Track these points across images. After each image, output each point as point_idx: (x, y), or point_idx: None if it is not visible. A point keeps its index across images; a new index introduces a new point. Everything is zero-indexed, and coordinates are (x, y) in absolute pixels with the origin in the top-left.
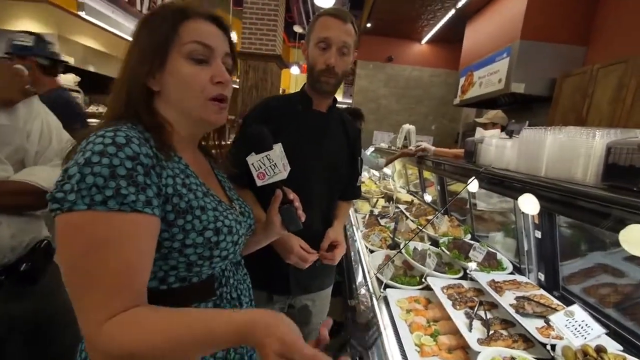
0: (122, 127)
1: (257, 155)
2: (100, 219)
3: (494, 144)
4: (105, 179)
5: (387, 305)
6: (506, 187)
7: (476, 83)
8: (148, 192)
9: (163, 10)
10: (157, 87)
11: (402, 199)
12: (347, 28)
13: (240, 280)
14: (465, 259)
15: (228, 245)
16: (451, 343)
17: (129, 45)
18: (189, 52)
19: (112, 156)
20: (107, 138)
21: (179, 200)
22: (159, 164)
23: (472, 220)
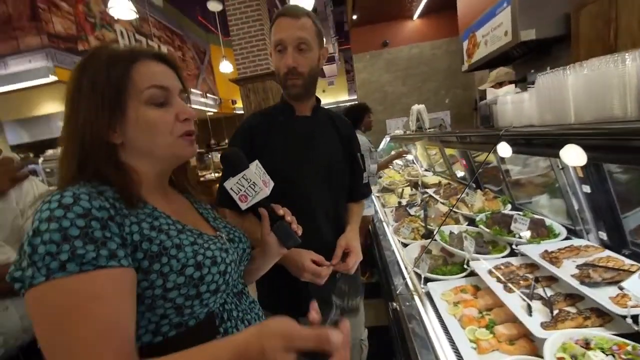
0: (69, 187)
1: (234, 179)
2: (61, 286)
3: (509, 101)
4: (57, 244)
5: (431, 301)
6: (535, 145)
7: (481, 43)
8: (110, 244)
9: (105, 55)
10: (120, 140)
11: (429, 182)
12: (300, 23)
13: (246, 310)
14: (509, 234)
15: (215, 277)
16: (511, 332)
17: (68, 98)
18: (148, 97)
19: (61, 219)
20: (52, 202)
21: (149, 244)
22: (118, 213)
23: (508, 189)
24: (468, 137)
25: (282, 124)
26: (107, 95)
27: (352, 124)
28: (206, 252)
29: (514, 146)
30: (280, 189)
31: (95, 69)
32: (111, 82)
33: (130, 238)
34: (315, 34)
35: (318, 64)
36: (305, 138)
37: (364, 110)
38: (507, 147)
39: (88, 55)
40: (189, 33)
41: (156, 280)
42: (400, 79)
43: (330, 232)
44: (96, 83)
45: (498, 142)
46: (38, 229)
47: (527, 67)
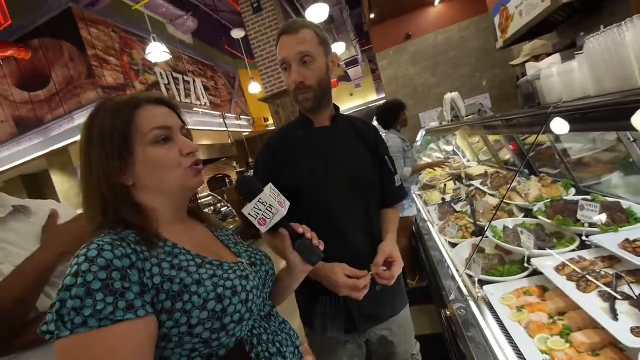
0: (96, 238)
1: (250, 204)
2: (84, 341)
3: (555, 73)
4: (81, 299)
5: (490, 306)
6: (594, 119)
7: (514, 15)
8: (128, 295)
9: (110, 106)
10: (131, 181)
11: (473, 173)
12: (299, 38)
13: (276, 331)
14: (576, 223)
15: (237, 307)
16: (593, 341)
17: (82, 149)
18: (153, 138)
19: (85, 273)
20: (80, 257)
21: (171, 284)
22: (139, 258)
23: (569, 171)
24: (512, 120)
25: (301, 139)
26: (115, 142)
27: (384, 125)
28: (226, 283)
29: (569, 123)
30: (306, 207)
31: (102, 119)
32: (117, 129)
33: (151, 282)
34: (318, 43)
35: (327, 72)
36: (326, 150)
37: (399, 108)
38: (563, 122)
39: (95, 109)
40: (218, 62)
41: (180, 318)
42: (429, 69)
43: (364, 245)
44: (104, 132)
45: (547, 121)
46: (67, 285)
47: (575, 31)
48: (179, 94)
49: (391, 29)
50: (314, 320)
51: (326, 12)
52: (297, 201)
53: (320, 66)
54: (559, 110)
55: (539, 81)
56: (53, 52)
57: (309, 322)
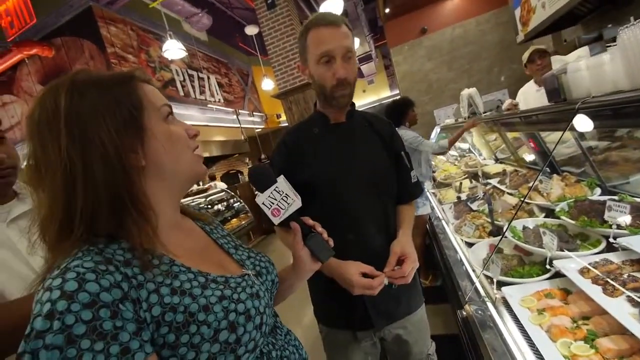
0: (72, 261)
1: (265, 193)
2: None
3: (584, 66)
4: (60, 350)
5: (509, 309)
6: (627, 115)
7: (537, 7)
8: (121, 337)
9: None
10: (144, 161)
11: (490, 172)
12: (343, 32)
13: (284, 345)
14: (602, 224)
15: (252, 334)
16: (620, 347)
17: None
18: (165, 114)
19: (63, 314)
20: (54, 291)
21: (174, 315)
22: (132, 285)
23: (594, 169)
24: (536, 117)
25: (317, 136)
26: (127, 113)
27: (392, 122)
28: (238, 307)
29: (597, 120)
30: (321, 203)
31: (97, 92)
32: (127, 99)
33: (150, 315)
34: (353, 40)
35: (356, 70)
36: (342, 147)
37: (407, 105)
38: (585, 121)
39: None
40: (232, 59)
41: (187, 353)
42: (445, 64)
43: (381, 241)
44: (107, 104)
45: (574, 118)
46: (37, 329)
47: (603, 22)
48: (194, 90)
49: (406, 23)
50: (328, 314)
51: (341, 7)
52: (311, 197)
53: (356, 63)
54: (588, 105)
55: (565, 75)
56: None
57: (324, 317)
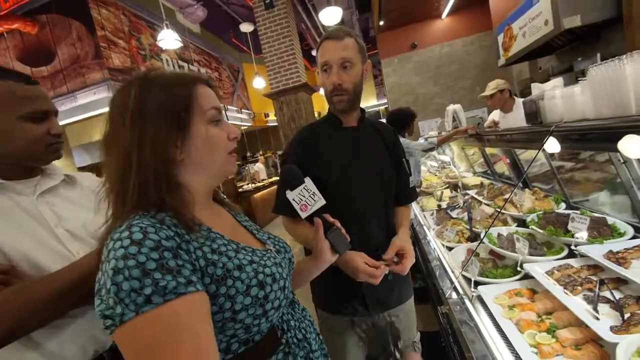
0: (133, 221)
1: (295, 190)
2: (151, 317)
3: (558, 95)
4: (139, 280)
5: (484, 305)
6: (591, 140)
7: (518, 35)
8: (184, 272)
9: (162, 77)
10: (182, 156)
11: (469, 183)
12: (343, 44)
13: (300, 318)
14: (566, 234)
15: (277, 294)
16: (576, 337)
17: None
18: (210, 117)
19: (136, 255)
20: (124, 240)
21: (214, 268)
22: (182, 240)
23: (561, 186)
24: (514, 136)
25: (331, 136)
26: (175, 114)
27: (396, 130)
28: (265, 270)
29: (567, 142)
30: (331, 198)
31: (159, 90)
32: (179, 101)
33: (198, 263)
34: (358, 51)
35: (361, 79)
36: (354, 148)
37: (411, 117)
38: (556, 143)
39: (142, 79)
40: (223, 54)
41: (224, 303)
42: (432, 80)
43: (382, 237)
44: (165, 102)
45: (547, 139)
46: (117, 267)
47: (574, 56)
48: None
49: (398, 37)
50: (328, 300)
51: (339, 16)
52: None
53: (357, 72)
54: (561, 129)
55: (542, 101)
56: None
57: (324, 304)
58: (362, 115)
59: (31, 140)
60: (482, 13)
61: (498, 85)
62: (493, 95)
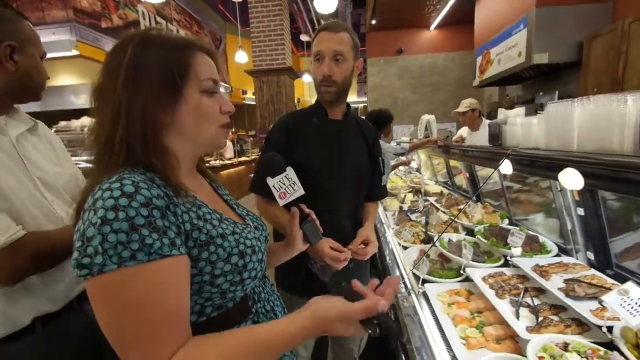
0: (124, 174)
1: (276, 178)
2: (133, 274)
3: (519, 123)
4: (127, 234)
5: (427, 301)
6: (538, 167)
7: (494, 60)
8: (169, 233)
9: (163, 39)
10: (170, 120)
11: (431, 190)
12: (338, 37)
13: (269, 292)
14: (504, 246)
15: (255, 265)
16: (498, 333)
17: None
18: (205, 87)
19: (127, 208)
20: (115, 190)
21: (199, 233)
22: (171, 202)
23: (507, 204)
24: (477, 152)
25: (316, 125)
26: (170, 77)
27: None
28: (246, 242)
29: (519, 166)
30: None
31: (158, 51)
32: (176, 65)
33: (183, 227)
34: (351, 47)
35: (351, 74)
36: (336, 140)
37: (388, 120)
38: (510, 165)
39: (142, 37)
40: (207, 20)
41: (205, 267)
42: (412, 87)
43: (349, 227)
44: (161, 64)
45: (504, 160)
46: (105, 217)
47: (536, 89)
48: None
49: (387, 39)
50: (288, 280)
51: (334, 5)
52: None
53: (348, 67)
54: (515, 153)
55: (505, 126)
56: None
57: (286, 284)
58: (348, 110)
59: (44, 78)
60: (467, 32)
61: (471, 104)
62: (465, 113)
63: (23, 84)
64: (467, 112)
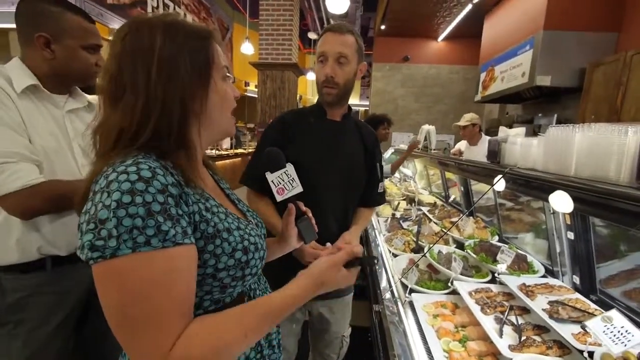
0: (139, 158)
1: (275, 173)
2: (146, 259)
3: (519, 142)
4: (143, 219)
5: (413, 310)
6: (533, 187)
7: (498, 78)
8: (182, 222)
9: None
10: (203, 109)
11: (424, 200)
12: (343, 39)
13: (264, 289)
14: (493, 262)
15: (257, 262)
16: (481, 349)
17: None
18: (223, 74)
19: (144, 193)
20: (131, 174)
21: (206, 226)
22: (183, 191)
23: (499, 221)
24: (474, 167)
25: (313, 124)
26: (204, 66)
27: None
28: (250, 238)
29: (515, 185)
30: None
31: (187, 39)
32: (206, 53)
33: (193, 218)
34: (356, 50)
35: (354, 77)
36: (331, 141)
37: (379, 122)
38: (504, 183)
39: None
40: (215, 7)
41: (209, 260)
42: (414, 96)
43: (336, 230)
44: (193, 53)
45: (501, 178)
46: (121, 200)
47: (536, 110)
48: None
49: (394, 45)
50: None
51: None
52: None
53: (351, 70)
54: (513, 172)
55: (505, 144)
56: None
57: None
58: (348, 112)
59: (86, 66)
60: (473, 47)
61: (472, 119)
62: (466, 127)
63: (64, 70)
64: (468, 127)
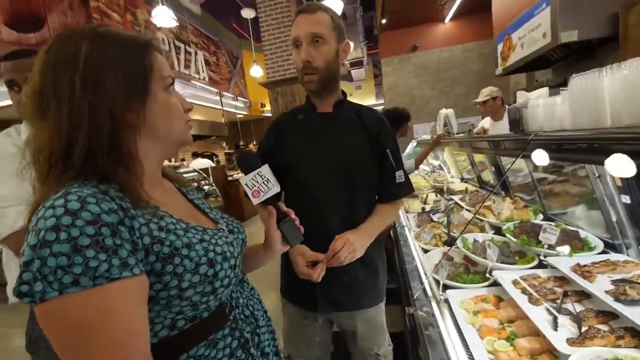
0: (71, 188)
1: (249, 175)
2: (76, 301)
3: (540, 104)
4: (68, 257)
5: (450, 309)
6: (566, 150)
7: (517, 45)
8: (121, 252)
9: (120, 35)
10: (141, 122)
11: (455, 189)
12: (314, 18)
13: (249, 296)
14: (538, 244)
15: (227, 272)
16: (533, 346)
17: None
18: (167, 85)
19: (69, 227)
20: (57, 208)
21: (161, 246)
22: (127, 216)
23: (540, 198)
24: (496, 143)
25: (301, 122)
26: (138, 76)
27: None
28: (215, 249)
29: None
30: (292, 187)
31: (119, 48)
32: (140, 62)
33: (141, 242)
34: (332, 28)
35: (336, 58)
36: (320, 136)
37: (403, 118)
38: (542, 153)
39: (94, 33)
40: (223, 39)
41: (170, 281)
42: (429, 83)
43: (340, 230)
44: (126, 62)
45: (527, 147)
46: (45, 239)
47: (569, 71)
48: (179, 63)
49: (400, 37)
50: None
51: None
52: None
53: (330, 50)
54: (538, 138)
55: (526, 109)
56: None
57: (282, 289)
58: (342, 100)
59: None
60: (484, 20)
61: (491, 92)
62: (486, 102)
63: None
64: (488, 101)
